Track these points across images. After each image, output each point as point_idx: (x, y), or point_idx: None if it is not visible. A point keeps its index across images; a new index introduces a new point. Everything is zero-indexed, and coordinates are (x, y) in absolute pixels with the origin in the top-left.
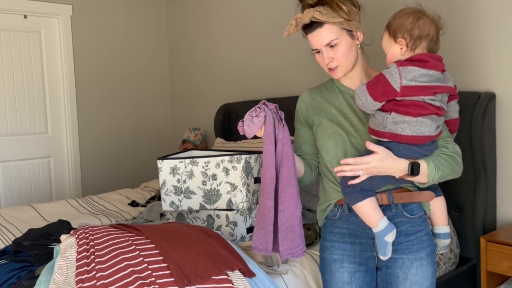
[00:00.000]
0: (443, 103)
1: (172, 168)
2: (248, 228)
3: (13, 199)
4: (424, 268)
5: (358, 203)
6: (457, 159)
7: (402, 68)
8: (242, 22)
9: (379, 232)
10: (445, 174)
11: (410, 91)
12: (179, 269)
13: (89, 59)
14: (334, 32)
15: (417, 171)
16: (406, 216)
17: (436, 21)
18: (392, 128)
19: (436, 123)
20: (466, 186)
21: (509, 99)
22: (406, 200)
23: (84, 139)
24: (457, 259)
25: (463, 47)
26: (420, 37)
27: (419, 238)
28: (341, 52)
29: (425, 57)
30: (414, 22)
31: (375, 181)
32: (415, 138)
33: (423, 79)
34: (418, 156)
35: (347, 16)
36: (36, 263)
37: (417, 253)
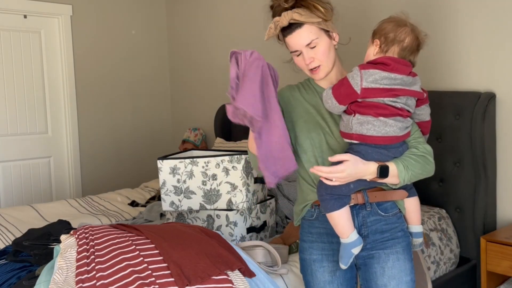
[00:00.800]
0: (409, 106)
1: (172, 168)
2: (248, 228)
3: (13, 199)
4: (401, 262)
5: (334, 212)
6: (428, 159)
7: (363, 71)
8: (241, 22)
9: (348, 243)
10: (416, 174)
11: (370, 93)
12: (179, 269)
13: (89, 59)
14: (313, 32)
15: (386, 173)
16: (381, 214)
17: (417, 34)
18: (358, 129)
19: (402, 124)
20: (466, 186)
21: (509, 99)
22: (380, 199)
23: (84, 139)
24: (457, 259)
25: (463, 47)
26: (393, 41)
27: (394, 234)
28: (321, 51)
29: (387, 60)
30: (394, 27)
31: (352, 185)
32: (381, 139)
33: (384, 82)
34: (387, 158)
35: (324, 16)
36: (36, 263)
37: (392, 248)
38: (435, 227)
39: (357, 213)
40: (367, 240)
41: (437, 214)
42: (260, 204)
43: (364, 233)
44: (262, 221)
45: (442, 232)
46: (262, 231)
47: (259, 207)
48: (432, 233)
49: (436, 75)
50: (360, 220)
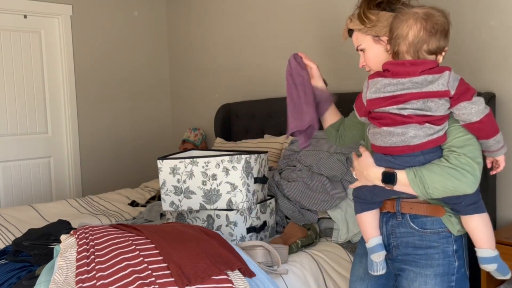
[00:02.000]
0: (427, 110)
1: (172, 168)
2: (248, 228)
3: (13, 199)
4: (429, 286)
5: (357, 215)
6: (461, 173)
7: (371, 81)
8: (242, 22)
9: (368, 248)
10: (440, 188)
11: (373, 104)
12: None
13: (89, 59)
14: (359, 38)
15: (391, 179)
16: (414, 228)
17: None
18: (372, 139)
19: (417, 132)
20: None
21: (509, 99)
22: (415, 211)
23: (84, 139)
24: None
25: (463, 47)
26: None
27: (429, 254)
28: (368, 57)
29: (387, 66)
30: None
31: (374, 192)
32: (387, 149)
33: (388, 89)
34: (394, 166)
35: (368, 24)
36: (36, 263)
37: (422, 269)
38: None
39: (387, 221)
40: (398, 251)
41: None
42: (260, 204)
43: (393, 243)
44: (262, 221)
45: None
46: (262, 231)
47: (259, 207)
48: None
49: None
50: (388, 229)
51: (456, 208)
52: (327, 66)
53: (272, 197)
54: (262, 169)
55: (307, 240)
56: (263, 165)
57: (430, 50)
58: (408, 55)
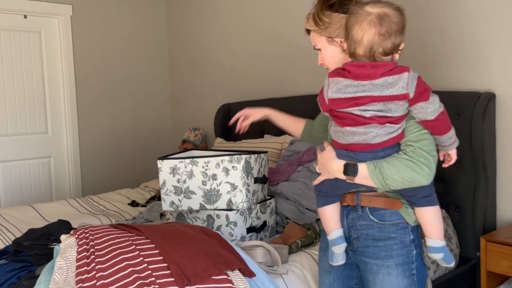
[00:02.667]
0: (387, 111)
1: (172, 168)
2: (248, 228)
3: (13, 199)
4: (392, 277)
5: (319, 208)
6: (416, 164)
7: (331, 79)
8: (242, 22)
9: (330, 240)
10: (397, 179)
11: (335, 104)
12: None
13: (89, 59)
14: (315, 38)
15: (352, 171)
16: (373, 221)
17: (380, 23)
18: (333, 135)
19: (379, 131)
20: (466, 186)
21: (509, 99)
22: (374, 204)
23: (84, 139)
24: (457, 259)
25: (463, 47)
26: (352, 43)
27: (389, 246)
28: (323, 57)
29: (348, 67)
30: (351, 25)
31: (336, 185)
32: (351, 146)
33: (349, 90)
34: (356, 161)
35: (322, 26)
36: (36, 263)
37: (383, 260)
38: None
39: (347, 214)
40: (358, 243)
41: None
42: (260, 204)
43: (354, 235)
44: (262, 221)
45: None
46: (262, 231)
47: (259, 207)
48: None
49: (436, 75)
50: (349, 222)
51: (412, 200)
52: None
53: (272, 197)
54: (262, 169)
55: (307, 240)
56: (263, 165)
57: (385, 52)
58: (365, 58)
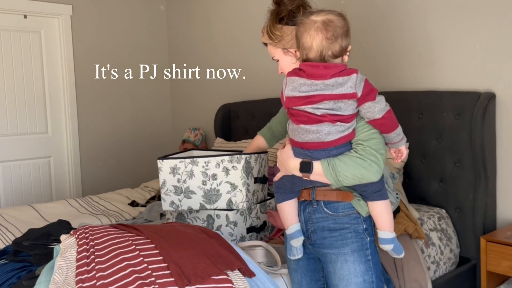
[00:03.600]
0: (338, 110)
1: (172, 168)
2: (248, 228)
3: (13, 199)
4: (350, 264)
5: (278, 204)
6: (366, 162)
7: (288, 78)
8: (242, 22)
9: (288, 234)
10: (349, 176)
11: (290, 102)
12: (179, 269)
13: (89, 59)
14: (271, 51)
15: (308, 168)
16: (328, 213)
17: (325, 29)
18: (290, 134)
19: (331, 129)
20: (466, 186)
21: (509, 99)
22: (328, 198)
23: (84, 139)
24: (457, 259)
25: (463, 47)
26: (303, 49)
27: (343, 234)
28: (282, 67)
29: (303, 67)
30: (301, 34)
31: (294, 182)
32: (305, 144)
33: (303, 89)
34: (311, 159)
35: (275, 39)
36: (36, 263)
37: (340, 249)
38: (435, 227)
39: (304, 209)
40: (315, 236)
41: (437, 214)
42: (260, 204)
43: (311, 229)
44: (262, 221)
45: (442, 232)
46: (262, 231)
47: (259, 207)
48: (432, 233)
49: (436, 75)
50: (306, 216)
51: (364, 195)
52: None
53: (272, 197)
54: (262, 169)
55: None
56: (263, 165)
57: (334, 54)
58: (316, 62)
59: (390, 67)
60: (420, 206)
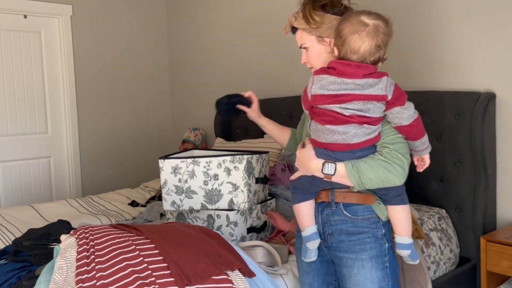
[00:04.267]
0: (366, 111)
1: (173, 168)
2: (248, 228)
3: (13, 199)
4: (367, 270)
5: (295, 205)
6: (392, 165)
7: (316, 76)
8: (242, 22)
9: (304, 237)
10: (372, 179)
11: (317, 100)
12: (179, 269)
13: (89, 59)
14: (303, 38)
15: (330, 170)
16: (347, 216)
17: (376, 34)
18: (313, 134)
19: (357, 131)
20: (466, 186)
21: (509, 99)
22: (348, 200)
23: (84, 139)
24: (457, 259)
25: (463, 47)
26: (347, 52)
27: (362, 239)
28: (311, 55)
29: (334, 64)
30: (348, 34)
31: (313, 182)
32: (329, 146)
33: (332, 87)
34: (334, 160)
35: (313, 25)
36: (36, 263)
37: (358, 254)
38: (435, 227)
39: (322, 210)
40: (332, 238)
41: (437, 214)
42: (260, 204)
43: (328, 231)
44: (262, 221)
45: (442, 232)
46: (262, 231)
47: (260, 207)
48: (432, 233)
49: (436, 75)
50: (323, 217)
51: (384, 198)
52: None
53: (272, 197)
54: (263, 169)
55: None
56: (264, 165)
57: (375, 61)
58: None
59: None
60: (420, 206)
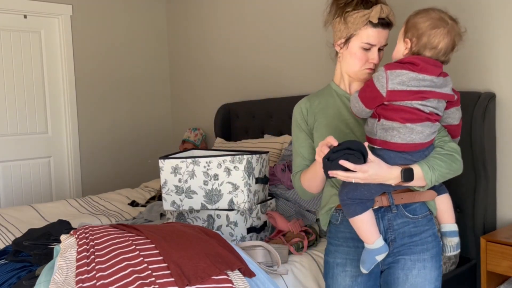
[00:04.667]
0: (438, 110)
1: (173, 168)
2: (248, 228)
3: (13, 199)
4: (427, 270)
5: (357, 217)
6: (455, 157)
7: (390, 72)
8: (242, 22)
9: (372, 250)
10: (443, 174)
11: (396, 96)
12: (179, 269)
13: (89, 59)
14: (386, 37)
15: (411, 176)
16: (408, 217)
17: (455, 34)
18: (382, 135)
19: (430, 130)
20: (466, 186)
21: (509, 99)
22: (407, 200)
23: (84, 139)
24: (457, 259)
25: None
26: (425, 45)
27: (424, 239)
28: (381, 57)
29: (415, 60)
30: (428, 28)
31: (373, 189)
32: (404, 146)
33: (413, 83)
34: (410, 163)
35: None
36: (36, 263)
37: (420, 254)
38: None
39: (382, 216)
40: (394, 244)
41: None
42: (260, 204)
43: (391, 237)
44: (262, 221)
45: None
46: (262, 231)
47: (260, 207)
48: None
49: None
50: (385, 224)
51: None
52: (328, 66)
53: (272, 197)
54: (263, 169)
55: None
56: (264, 165)
57: (443, 61)
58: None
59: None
60: None
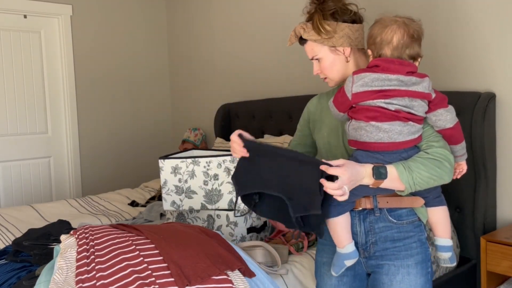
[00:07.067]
0: (412, 108)
1: (173, 168)
2: (248, 228)
3: (13, 199)
4: (412, 277)
5: (332, 219)
6: (441, 163)
7: (355, 76)
8: (242, 22)
9: (342, 254)
10: (424, 178)
11: (360, 97)
12: (179, 269)
13: (89, 59)
14: (314, 49)
15: (383, 174)
16: (392, 221)
17: (407, 27)
18: (353, 135)
19: (403, 129)
20: (466, 186)
21: (509, 99)
22: (392, 205)
23: (84, 139)
24: (457, 259)
25: (463, 47)
26: (381, 43)
27: (408, 244)
28: (324, 66)
29: (377, 62)
30: (379, 30)
31: (355, 191)
32: (374, 145)
33: (376, 83)
34: (383, 163)
35: (325, 35)
36: (36, 263)
37: (403, 260)
38: None
39: (364, 218)
40: (375, 247)
41: None
42: None
43: (371, 240)
44: (262, 221)
45: None
46: (262, 231)
47: None
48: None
49: (436, 75)
50: (367, 226)
51: (426, 201)
52: None
53: None
54: None
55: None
56: None
57: (411, 55)
58: (392, 57)
59: None
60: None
